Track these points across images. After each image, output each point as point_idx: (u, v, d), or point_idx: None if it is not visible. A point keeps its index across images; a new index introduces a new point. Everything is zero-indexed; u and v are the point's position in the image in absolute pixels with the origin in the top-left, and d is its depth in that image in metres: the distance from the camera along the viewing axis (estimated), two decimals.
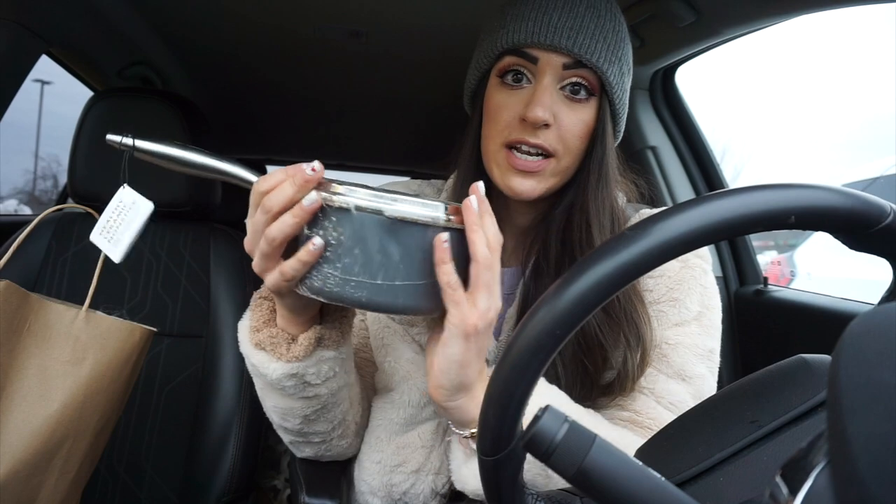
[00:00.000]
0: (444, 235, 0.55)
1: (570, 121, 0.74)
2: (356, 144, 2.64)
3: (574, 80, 0.74)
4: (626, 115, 0.82)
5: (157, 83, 1.79)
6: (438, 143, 0.90)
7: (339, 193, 0.54)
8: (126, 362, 0.97)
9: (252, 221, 0.58)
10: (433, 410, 0.81)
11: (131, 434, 1.23)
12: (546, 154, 0.74)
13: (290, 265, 0.56)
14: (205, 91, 2.02)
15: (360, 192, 0.55)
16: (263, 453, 1.52)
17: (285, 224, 0.55)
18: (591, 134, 0.76)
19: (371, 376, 0.87)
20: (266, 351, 0.66)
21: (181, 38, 1.67)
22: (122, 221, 0.81)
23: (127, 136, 0.66)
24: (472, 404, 0.62)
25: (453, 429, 0.68)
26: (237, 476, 1.20)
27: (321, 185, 0.55)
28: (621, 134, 0.83)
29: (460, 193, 0.82)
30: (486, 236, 0.57)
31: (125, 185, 0.82)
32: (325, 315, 0.68)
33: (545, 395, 0.66)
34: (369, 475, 0.81)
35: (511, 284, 0.83)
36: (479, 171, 0.80)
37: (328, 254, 0.55)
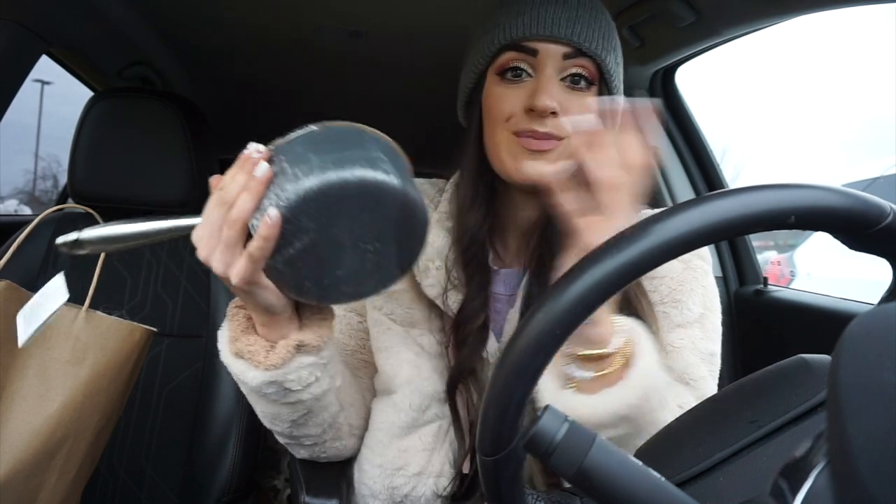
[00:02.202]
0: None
1: (577, 108, 0.74)
2: None
3: (574, 70, 0.75)
4: None
5: (157, 83, 1.79)
6: (438, 143, 0.90)
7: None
8: (126, 362, 0.97)
9: (208, 222, 0.58)
10: (434, 413, 0.80)
11: (131, 434, 1.23)
12: (558, 138, 0.74)
13: (254, 245, 0.55)
14: (205, 91, 2.02)
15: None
16: (263, 453, 1.52)
17: (244, 202, 0.55)
18: None
19: (370, 378, 0.87)
20: (245, 359, 0.66)
21: (181, 38, 1.67)
22: (42, 306, 0.82)
23: (71, 234, 0.64)
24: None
25: (565, 349, 0.63)
26: (237, 476, 1.20)
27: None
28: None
29: (465, 195, 0.81)
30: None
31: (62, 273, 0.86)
32: (303, 320, 0.67)
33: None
34: (370, 479, 0.80)
35: (513, 285, 0.83)
36: (484, 170, 0.80)
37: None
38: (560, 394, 0.62)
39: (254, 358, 0.65)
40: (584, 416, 0.59)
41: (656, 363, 0.62)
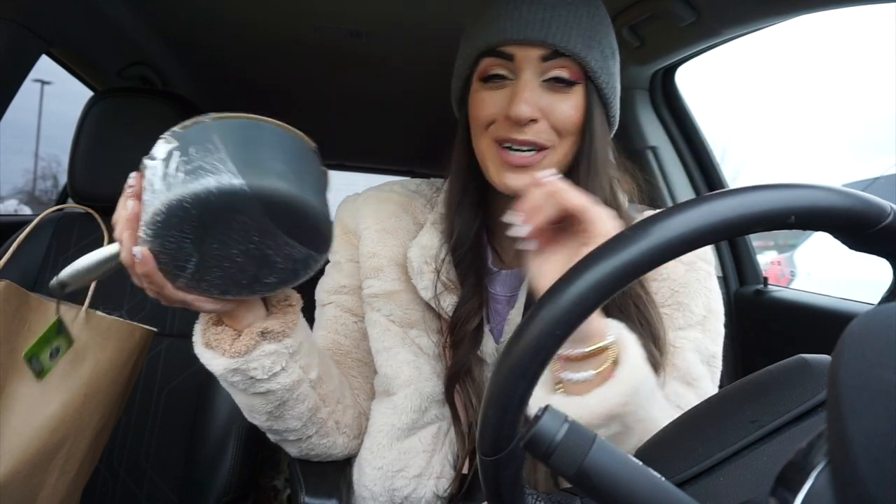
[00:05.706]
0: None
1: (562, 108, 0.73)
2: (356, 144, 2.64)
3: (555, 72, 0.73)
4: (617, 100, 0.80)
5: (157, 83, 1.79)
6: (438, 143, 0.90)
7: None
8: (126, 362, 0.97)
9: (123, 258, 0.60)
10: (434, 414, 0.80)
11: (131, 434, 1.23)
12: (539, 147, 0.73)
13: (145, 286, 0.60)
14: (205, 91, 2.02)
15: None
16: (263, 453, 1.51)
17: (126, 239, 0.58)
18: (584, 120, 0.75)
19: (365, 378, 0.87)
20: (213, 348, 0.68)
21: (181, 38, 1.67)
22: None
23: (53, 280, 0.67)
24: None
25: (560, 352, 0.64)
26: (237, 476, 1.20)
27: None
28: (616, 120, 0.81)
29: (452, 197, 0.81)
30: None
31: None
32: (269, 308, 0.69)
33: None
34: (370, 481, 0.80)
35: (513, 286, 0.83)
36: (473, 172, 0.80)
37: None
38: (550, 399, 0.62)
39: (220, 346, 0.67)
40: (577, 417, 0.58)
41: (643, 360, 0.61)
